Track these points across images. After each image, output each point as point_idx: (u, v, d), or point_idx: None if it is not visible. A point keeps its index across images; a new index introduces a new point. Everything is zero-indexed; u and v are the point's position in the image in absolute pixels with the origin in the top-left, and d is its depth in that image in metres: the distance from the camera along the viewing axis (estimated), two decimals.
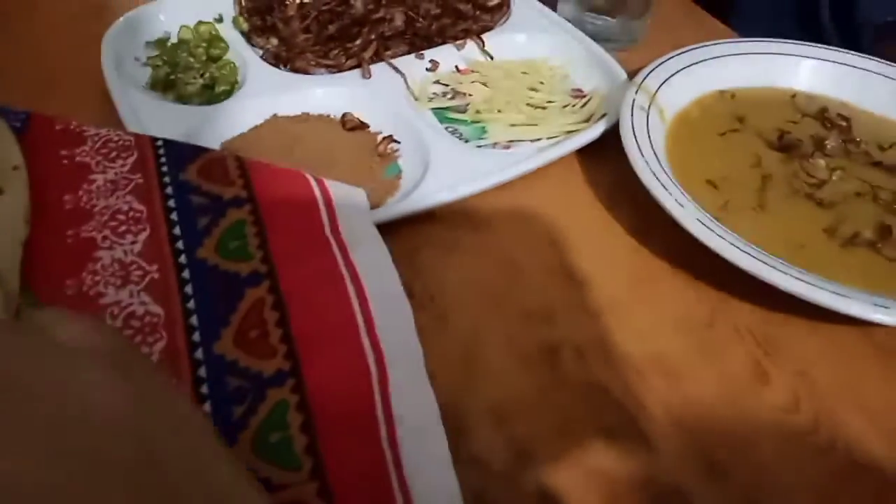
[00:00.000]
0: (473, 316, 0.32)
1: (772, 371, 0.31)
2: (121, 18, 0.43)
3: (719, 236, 0.31)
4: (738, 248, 0.31)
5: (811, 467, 0.28)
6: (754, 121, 0.41)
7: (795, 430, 0.29)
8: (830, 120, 0.41)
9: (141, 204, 0.32)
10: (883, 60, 0.43)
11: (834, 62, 0.43)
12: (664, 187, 0.33)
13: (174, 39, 0.45)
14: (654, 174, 0.34)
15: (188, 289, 0.29)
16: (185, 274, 0.30)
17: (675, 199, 0.33)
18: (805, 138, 0.40)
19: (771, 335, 0.32)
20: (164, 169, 0.34)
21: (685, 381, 0.30)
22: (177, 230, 0.31)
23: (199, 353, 0.27)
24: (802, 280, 0.30)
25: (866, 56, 0.43)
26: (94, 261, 0.30)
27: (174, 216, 0.32)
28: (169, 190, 0.33)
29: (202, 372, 0.27)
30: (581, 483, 0.26)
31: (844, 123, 0.41)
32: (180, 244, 0.31)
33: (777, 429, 0.29)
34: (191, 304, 0.29)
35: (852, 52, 0.44)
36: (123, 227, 0.31)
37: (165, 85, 0.42)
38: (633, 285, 0.34)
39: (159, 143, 0.35)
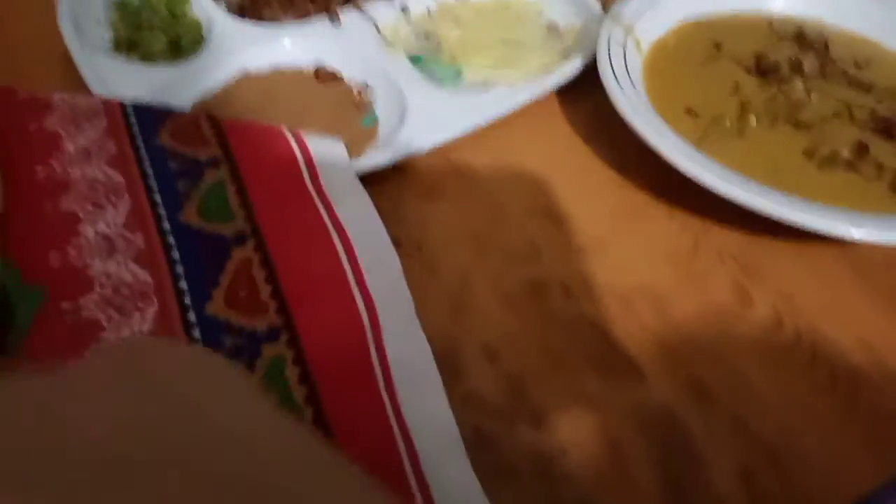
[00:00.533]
0: (461, 260, 0.32)
1: (754, 293, 0.31)
2: None
3: (699, 165, 0.31)
4: (718, 175, 0.31)
5: (795, 381, 0.29)
6: (731, 47, 0.41)
7: (779, 347, 0.30)
8: (807, 42, 0.41)
9: (117, 172, 0.32)
10: None
11: None
12: (643, 119, 0.33)
13: None
14: (633, 106, 0.34)
15: (174, 254, 0.29)
16: (171, 240, 0.30)
17: (655, 130, 0.33)
18: (783, 62, 0.39)
19: (753, 259, 0.33)
20: (136, 132, 0.33)
21: (671, 308, 0.31)
22: (157, 197, 0.31)
23: (191, 316, 0.27)
24: (780, 203, 0.30)
25: None
26: (78, 234, 0.29)
27: (152, 183, 0.32)
28: (143, 155, 0.32)
29: (196, 333, 0.27)
30: (574, 413, 0.27)
31: (821, 44, 0.41)
32: (162, 210, 0.31)
33: (762, 346, 0.30)
34: (179, 269, 0.29)
35: None
36: (103, 199, 0.31)
37: (129, 45, 0.40)
38: (617, 219, 0.34)
39: (128, 107, 0.34)
